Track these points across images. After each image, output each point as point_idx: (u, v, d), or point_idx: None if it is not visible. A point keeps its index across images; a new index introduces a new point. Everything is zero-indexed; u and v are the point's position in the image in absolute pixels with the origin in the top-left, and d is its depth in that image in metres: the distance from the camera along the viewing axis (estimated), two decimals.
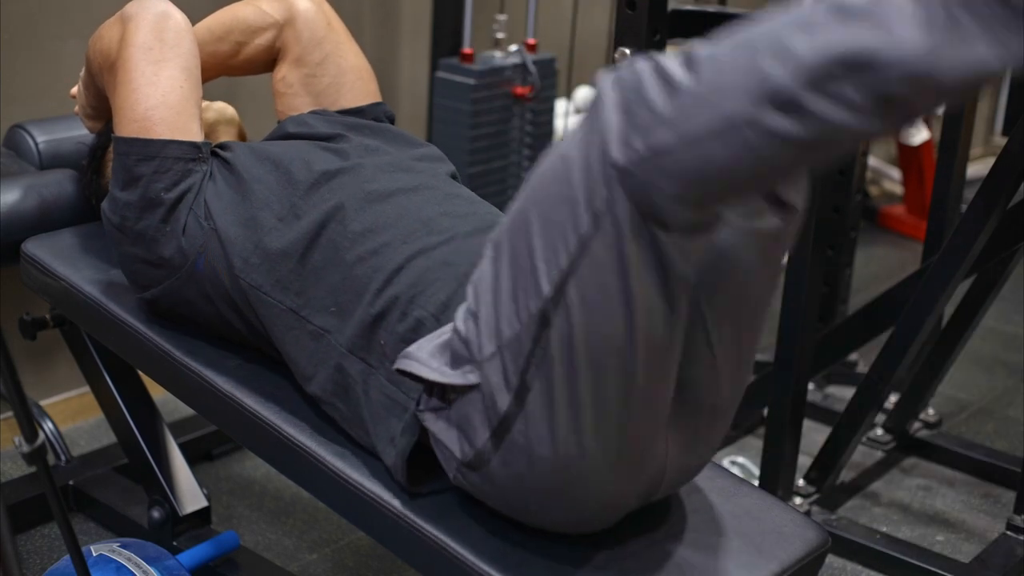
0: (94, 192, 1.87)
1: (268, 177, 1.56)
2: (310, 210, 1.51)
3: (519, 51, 2.90)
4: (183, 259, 1.57)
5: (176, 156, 1.57)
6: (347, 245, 1.47)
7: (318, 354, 1.46)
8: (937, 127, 2.87)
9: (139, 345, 1.68)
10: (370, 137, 1.68)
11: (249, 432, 1.57)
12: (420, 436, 1.35)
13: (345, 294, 1.45)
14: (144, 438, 1.99)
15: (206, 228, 1.56)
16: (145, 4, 1.64)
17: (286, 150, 1.62)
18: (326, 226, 1.49)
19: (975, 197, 1.96)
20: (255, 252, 1.52)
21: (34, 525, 2.18)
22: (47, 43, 2.37)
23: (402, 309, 1.39)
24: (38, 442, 1.14)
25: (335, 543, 2.21)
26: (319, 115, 1.74)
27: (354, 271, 1.45)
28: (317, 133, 1.68)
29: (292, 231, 1.50)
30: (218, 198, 1.57)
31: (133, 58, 1.60)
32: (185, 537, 1.99)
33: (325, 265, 1.47)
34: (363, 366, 1.42)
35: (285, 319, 1.49)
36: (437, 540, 1.36)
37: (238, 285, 1.53)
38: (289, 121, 1.74)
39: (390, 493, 1.42)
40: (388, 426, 1.39)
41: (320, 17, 1.79)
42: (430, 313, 1.38)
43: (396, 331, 1.39)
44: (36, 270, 1.80)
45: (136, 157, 1.58)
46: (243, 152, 1.62)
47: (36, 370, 2.50)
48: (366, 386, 1.41)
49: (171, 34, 1.62)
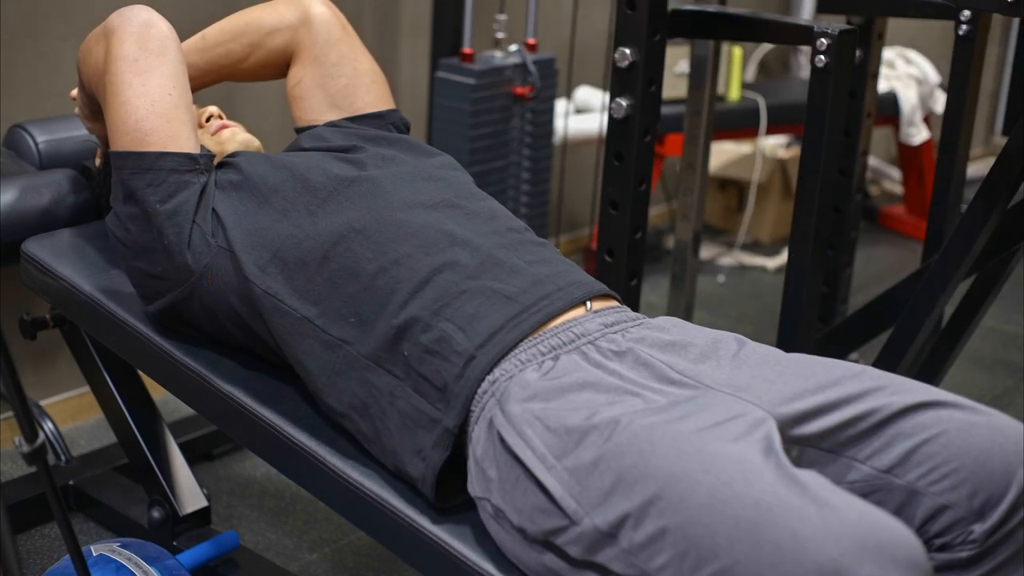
0: (105, 205, 1.88)
1: (285, 185, 1.56)
2: (328, 218, 1.51)
3: (519, 51, 2.90)
4: (188, 273, 1.56)
5: (170, 168, 1.57)
6: (367, 255, 1.46)
7: (333, 364, 1.45)
8: (937, 127, 2.87)
9: (139, 345, 1.69)
10: (386, 148, 1.68)
11: (249, 432, 1.57)
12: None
13: (365, 304, 1.44)
14: (144, 438, 1.99)
15: (213, 245, 1.55)
16: (127, 15, 1.63)
17: (303, 160, 1.61)
18: (345, 235, 1.48)
19: (975, 197, 1.95)
20: (272, 261, 1.51)
21: (34, 525, 2.19)
22: (47, 43, 2.38)
23: (426, 321, 1.39)
24: (38, 442, 1.14)
25: (335, 543, 2.21)
26: (335, 128, 1.74)
27: (376, 281, 1.44)
28: (334, 145, 1.68)
29: (310, 239, 1.49)
30: (232, 209, 1.56)
31: (119, 71, 1.60)
32: (185, 537, 1.99)
33: (344, 274, 1.46)
34: (390, 378, 1.40)
35: (300, 327, 1.48)
36: (437, 540, 1.36)
37: (251, 293, 1.51)
38: (304, 136, 1.74)
39: (390, 493, 1.42)
40: (415, 438, 1.38)
41: (335, 20, 1.80)
42: (456, 326, 1.37)
43: (420, 342, 1.38)
44: (36, 270, 1.80)
45: (130, 171, 1.57)
46: (258, 161, 1.61)
47: (36, 370, 2.50)
48: (392, 397, 1.40)
49: (155, 43, 1.61)
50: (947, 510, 1.25)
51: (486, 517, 1.33)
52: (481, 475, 1.32)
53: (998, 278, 2.26)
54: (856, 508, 1.08)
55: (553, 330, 1.38)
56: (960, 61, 2.24)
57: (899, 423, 1.27)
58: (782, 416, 1.26)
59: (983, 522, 1.24)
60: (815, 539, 1.05)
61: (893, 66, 4.06)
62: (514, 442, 1.26)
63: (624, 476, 1.17)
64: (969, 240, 1.98)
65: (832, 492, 1.10)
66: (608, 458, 1.19)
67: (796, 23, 2.00)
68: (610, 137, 1.98)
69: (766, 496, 1.09)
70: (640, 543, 1.15)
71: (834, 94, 1.79)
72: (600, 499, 1.19)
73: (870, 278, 3.70)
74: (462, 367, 1.35)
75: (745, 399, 1.27)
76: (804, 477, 1.11)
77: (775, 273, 3.74)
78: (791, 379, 1.31)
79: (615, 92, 1.94)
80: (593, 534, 1.19)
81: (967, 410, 1.28)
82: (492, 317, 1.37)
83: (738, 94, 3.64)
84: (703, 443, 1.16)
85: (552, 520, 1.23)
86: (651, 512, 1.15)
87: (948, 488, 1.24)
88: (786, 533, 1.06)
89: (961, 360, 2.57)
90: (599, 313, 1.42)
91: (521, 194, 2.99)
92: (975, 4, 2.03)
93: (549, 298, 1.41)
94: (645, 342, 1.37)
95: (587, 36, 3.43)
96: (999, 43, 4.99)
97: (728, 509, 1.10)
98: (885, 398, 1.28)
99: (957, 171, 2.34)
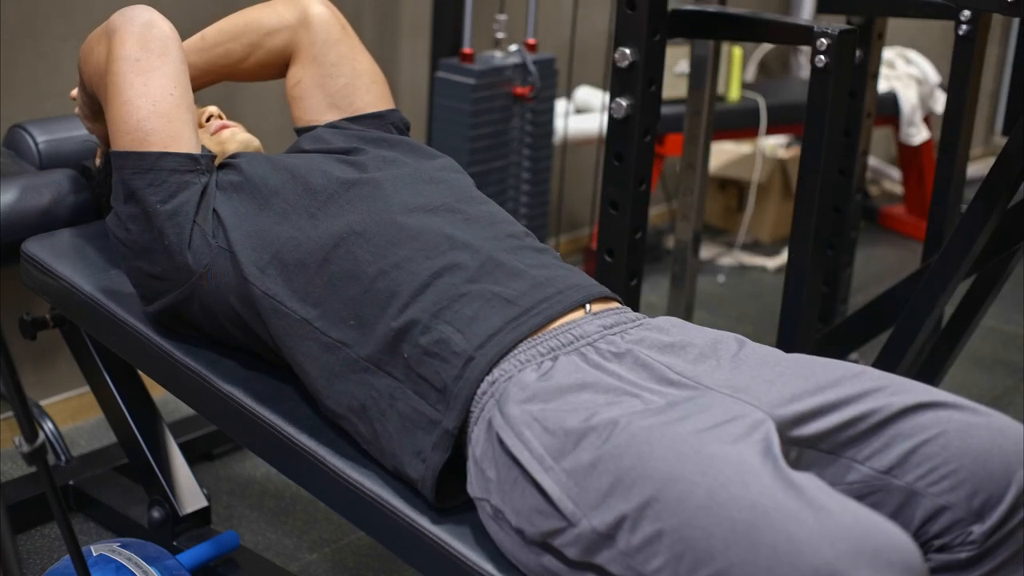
0: (106, 205, 1.87)
1: (286, 187, 1.56)
2: (329, 221, 1.51)
3: (519, 51, 2.90)
4: (188, 273, 1.56)
5: (171, 168, 1.57)
6: (367, 258, 1.46)
7: (332, 367, 1.45)
8: (937, 127, 2.87)
9: (139, 345, 1.69)
10: (387, 150, 1.68)
11: (249, 432, 1.57)
12: None
13: (365, 307, 1.44)
14: (144, 438, 1.99)
15: (214, 246, 1.55)
16: (129, 15, 1.63)
17: (304, 162, 1.61)
18: (345, 237, 1.48)
19: (975, 197, 1.95)
20: (272, 262, 1.51)
21: (34, 525, 2.19)
22: (47, 43, 2.38)
23: (426, 324, 1.39)
24: (38, 442, 1.14)
25: (335, 543, 2.21)
26: (335, 129, 1.74)
27: (375, 284, 1.44)
28: (335, 147, 1.68)
29: (310, 241, 1.49)
30: (232, 210, 1.56)
31: (121, 71, 1.60)
32: (185, 537, 1.99)
33: (343, 277, 1.46)
34: (389, 380, 1.40)
35: (299, 329, 1.48)
36: (437, 540, 1.36)
37: (251, 294, 1.51)
38: (305, 138, 1.74)
39: (389, 493, 1.42)
40: (414, 439, 1.38)
41: (334, 20, 1.80)
42: (455, 328, 1.37)
43: (419, 344, 1.38)
44: (36, 270, 1.80)
45: (131, 171, 1.57)
46: (259, 163, 1.61)
47: (36, 370, 2.50)
48: (392, 399, 1.40)
49: (157, 43, 1.61)
50: (946, 511, 1.25)
51: (485, 518, 1.33)
52: (480, 476, 1.32)
53: (998, 278, 2.26)
54: (852, 512, 1.08)
55: (552, 332, 1.38)
56: (960, 61, 2.24)
57: (898, 424, 1.27)
58: (781, 417, 1.25)
59: (982, 523, 1.24)
60: (811, 543, 1.05)
61: (893, 66, 4.06)
62: (512, 443, 1.26)
63: (622, 478, 1.17)
64: (969, 240, 1.98)
65: (829, 495, 1.10)
66: (606, 459, 1.19)
67: (796, 23, 2.00)
68: (610, 137, 1.98)
69: (763, 499, 1.09)
70: (637, 545, 1.15)
71: (834, 94, 1.79)
72: (598, 501, 1.19)
73: (870, 278, 3.70)
74: (461, 368, 1.35)
75: (744, 400, 1.27)
76: (801, 480, 1.11)
77: (775, 273, 3.74)
78: (790, 380, 1.31)
79: (615, 92, 1.94)
80: (591, 536, 1.19)
81: (966, 411, 1.28)
82: (491, 319, 1.38)
83: (738, 94, 3.64)
84: (701, 445, 1.16)
85: (550, 521, 1.23)
86: (648, 514, 1.15)
87: (947, 489, 1.24)
88: (782, 537, 1.06)
89: (961, 360, 2.57)
90: (598, 315, 1.42)
91: (521, 194, 2.99)
92: (975, 4, 2.03)
93: (548, 301, 1.41)
94: (644, 343, 1.37)
95: (587, 36, 3.43)
96: (999, 43, 4.99)
97: (724, 512, 1.10)
98: (884, 399, 1.28)
99: (957, 171, 2.34)
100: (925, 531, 1.26)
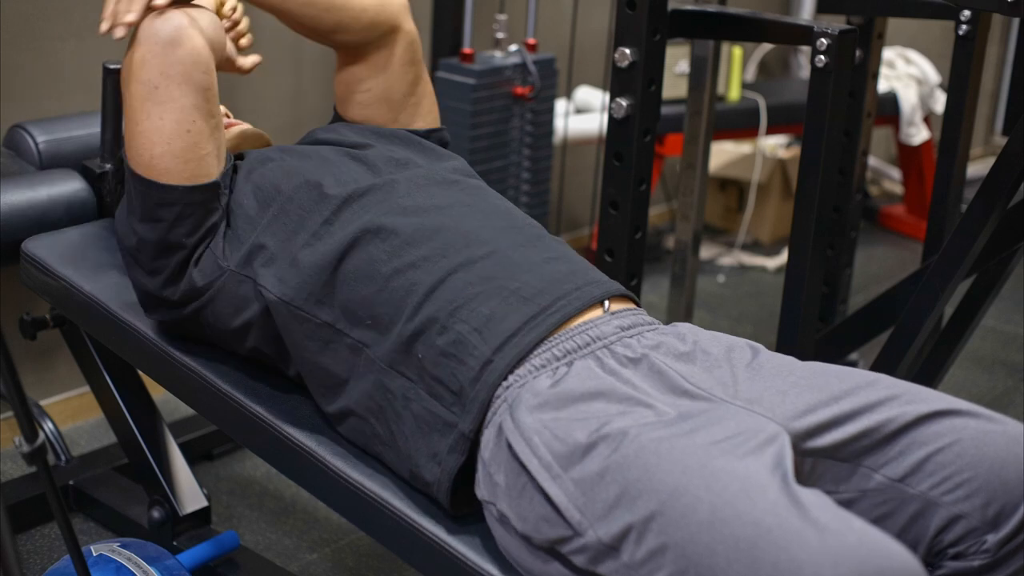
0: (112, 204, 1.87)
1: (299, 193, 1.54)
2: (344, 224, 1.49)
3: (519, 51, 2.90)
4: (195, 294, 1.56)
5: (198, 202, 1.54)
6: (383, 258, 1.44)
7: (358, 368, 1.44)
8: (937, 127, 2.87)
9: (139, 345, 1.68)
10: (399, 147, 1.66)
11: (249, 432, 1.57)
12: None
13: (381, 307, 1.42)
14: (144, 438, 1.99)
15: (224, 267, 1.54)
16: (156, 26, 1.52)
17: (315, 164, 1.59)
18: (360, 239, 1.46)
19: (975, 197, 1.96)
20: (289, 270, 1.49)
21: (34, 525, 2.18)
22: (47, 43, 2.37)
23: (442, 323, 1.37)
24: (38, 442, 1.14)
25: (335, 543, 2.21)
26: (348, 125, 1.73)
27: (391, 284, 1.42)
28: (346, 140, 1.66)
29: (325, 245, 1.48)
30: (247, 221, 1.55)
31: (138, 95, 1.53)
32: (185, 537, 1.99)
33: (358, 276, 1.45)
34: (403, 380, 1.39)
35: (322, 333, 1.47)
36: (437, 540, 1.36)
37: (266, 304, 1.50)
38: (319, 128, 1.73)
39: (390, 493, 1.42)
40: (430, 442, 1.37)
41: (418, 41, 1.77)
42: (472, 327, 1.36)
43: (436, 344, 1.37)
44: (36, 270, 1.80)
45: (155, 201, 1.54)
46: (270, 168, 1.60)
47: (36, 370, 2.50)
48: (406, 401, 1.39)
49: (177, 68, 1.51)
50: (961, 520, 1.24)
51: (491, 520, 1.33)
52: (488, 479, 1.32)
53: (998, 278, 2.26)
54: (856, 531, 1.07)
55: (569, 332, 1.37)
56: (960, 61, 2.25)
57: (913, 432, 1.27)
58: (796, 430, 1.25)
59: (996, 532, 1.23)
60: (812, 563, 1.04)
61: (893, 66, 4.06)
62: (521, 450, 1.26)
63: (628, 489, 1.17)
64: (969, 240, 1.98)
65: (834, 514, 1.09)
66: (614, 470, 1.19)
67: (796, 23, 2.00)
68: (610, 137, 1.97)
69: (766, 517, 1.08)
70: (641, 559, 1.15)
71: (834, 94, 1.79)
72: (604, 511, 1.18)
73: (870, 278, 3.70)
74: (479, 370, 1.34)
75: (758, 412, 1.26)
76: (807, 498, 1.10)
77: (775, 273, 3.74)
78: (804, 391, 1.30)
79: (615, 92, 1.94)
80: (597, 546, 1.19)
81: (982, 419, 1.27)
82: (509, 319, 1.36)
83: (738, 94, 3.64)
84: (709, 458, 1.16)
85: (556, 530, 1.23)
86: (653, 527, 1.14)
87: (962, 497, 1.24)
88: (784, 556, 1.06)
89: (961, 360, 2.57)
90: (616, 315, 1.41)
91: (521, 194, 2.99)
92: (975, 4, 2.03)
93: (567, 298, 1.40)
94: (660, 349, 1.36)
95: (587, 36, 3.43)
96: (999, 43, 4.99)
97: (727, 528, 1.09)
98: (899, 408, 1.28)
99: (957, 171, 2.35)
100: (940, 540, 1.26)
